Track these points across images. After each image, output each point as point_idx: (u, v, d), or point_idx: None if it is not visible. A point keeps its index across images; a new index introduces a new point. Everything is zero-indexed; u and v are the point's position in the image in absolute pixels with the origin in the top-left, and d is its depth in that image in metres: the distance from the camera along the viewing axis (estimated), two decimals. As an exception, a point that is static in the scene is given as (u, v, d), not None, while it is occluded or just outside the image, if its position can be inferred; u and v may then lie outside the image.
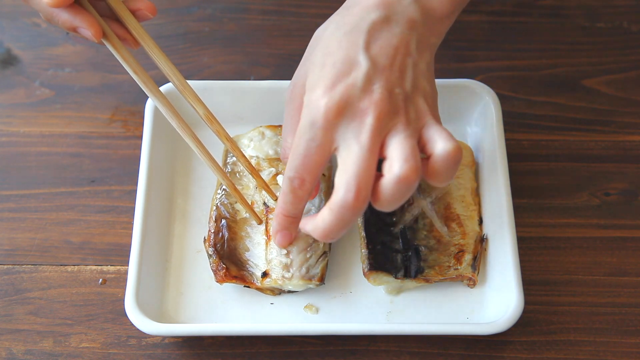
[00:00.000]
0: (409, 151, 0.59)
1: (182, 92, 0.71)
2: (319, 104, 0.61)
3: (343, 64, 0.61)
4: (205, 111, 0.71)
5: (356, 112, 0.60)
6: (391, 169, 0.59)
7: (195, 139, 0.71)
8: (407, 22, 0.63)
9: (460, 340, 0.71)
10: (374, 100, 0.60)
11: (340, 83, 0.61)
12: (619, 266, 0.75)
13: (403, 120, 0.60)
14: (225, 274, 0.71)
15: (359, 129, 0.60)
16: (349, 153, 0.60)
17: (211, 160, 0.71)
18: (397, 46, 0.62)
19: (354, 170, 0.59)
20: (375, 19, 0.62)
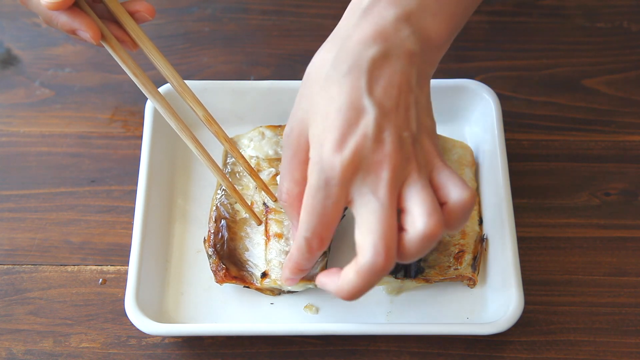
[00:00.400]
0: (431, 205, 0.57)
1: (181, 94, 0.71)
2: (332, 162, 0.58)
3: (349, 112, 0.58)
4: (204, 112, 0.71)
5: (370, 165, 0.58)
6: (415, 225, 0.57)
7: (195, 140, 0.71)
8: (406, 56, 0.60)
9: (460, 340, 0.71)
10: (387, 152, 0.58)
11: (350, 136, 0.58)
12: (619, 266, 0.75)
13: (415, 168, 0.58)
14: (225, 275, 0.71)
15: (376, 184, 0.57)
16: (369, 210, 0.57)
17: (210, 161, 0.71)
18: (400, 84, 0.59)
19: (380, 231, 0.57)
20: (374, 55, 0.59)
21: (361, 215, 0.58)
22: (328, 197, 0.59)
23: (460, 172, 0.76)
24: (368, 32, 0.60)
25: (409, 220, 0.58)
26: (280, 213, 0.73)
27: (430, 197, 0.58)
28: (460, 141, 0.79)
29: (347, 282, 0.59)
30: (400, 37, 0.60)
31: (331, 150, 0.58)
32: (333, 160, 0.58)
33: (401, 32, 0.60)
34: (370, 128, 0.58)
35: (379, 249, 0.57)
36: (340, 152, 0.58)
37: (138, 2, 0.69)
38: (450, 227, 0.59)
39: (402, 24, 0.60)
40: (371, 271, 0.57)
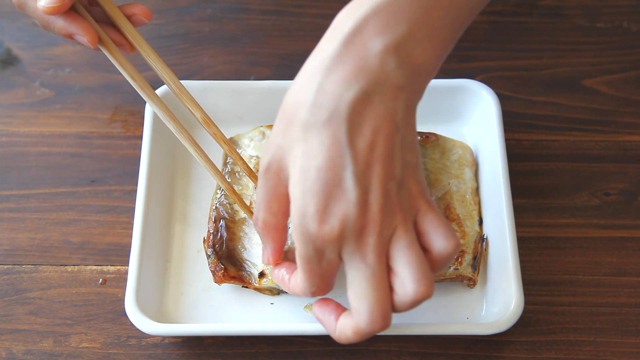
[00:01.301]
0: (419, 267, 0.57)
1: (179, 96, 0.71)
2: (319, 234, 0.57)
3: (329, 174, 0.56)
4: (202, 114, 0.71)
5: (356, 232, 0.56)
6: (405, 289, 0.58)
7: (194, 143, 0.71)
8: (392, 92, 0.56)
9: (460, 340, 0.71)
10: (371, 216, 0.56)
11: (333, 206, 0.56)
12: (619, 266, 0.75)
13: (401, 220, 0.57)
14: (223, 275, 0.71)
15: (364, 250, 0.57)
16: (360, 276, 0.57)
17: (209, 163, 0.71)
18: (384, 128, 0.56)
19: (374, 298, 0.57)
20: (355, 97, 0.55)
21: (353, 278, 0.58)
22: (322, 260, 0.58)
23: (460, 172, 0.76)
24: (349, 68, 0.56)
25: (398, 283, 0.58)
26: (280, 213, 0.73)
27: (417, 258, 0.57)
28: (460, 141, 0.79)
29: (344, 336, 0.60)
30: (385, 71, 0.56)
31: (316, 222, 0.56)
32: (319, 232, 0.57)
33: (387, 65, 0.56)
34: (353, 196, 0.56)
35: (375, 317, 0.58)
36: (325, 223, 0.56)
37: (135, 6, 0.69)
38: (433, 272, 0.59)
39: (388, 56, 0.56)
40: (369, 333, 0.59)
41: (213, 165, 0.72)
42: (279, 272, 0.65)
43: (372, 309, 0.58)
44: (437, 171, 0.76)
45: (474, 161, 0.78)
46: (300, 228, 0.57)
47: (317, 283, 0.60)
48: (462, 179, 0.76)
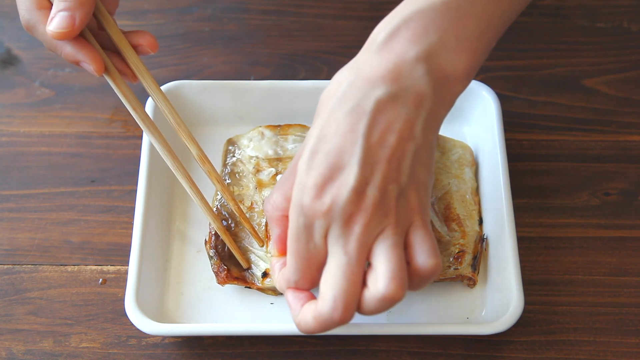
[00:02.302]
0: (396, 267, 0.57)
1: (177, 131, 0.71)
2: (311, 208, 0.57)
3: (336, 158, 0.57)
4: (198, 151, 0.71)
5: (345, 218, 0.57)
6: (376, 285, 0.57)
7: (189, 179, 0.71)
8: (415, 100, 0.57)
9: (460, 340, 0.71)
10: (364, 206, 0.57)
11: (331, 185, 0.57)
12: (619, 266, 0.75)
13: (392, 223, 0.57)
14: (226, 276, 0.71)
15: (347, 238, 0.57)
16: (336, 262, 0.57)
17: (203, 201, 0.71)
18: (400, 131, 0.57)
19: (342, 287, 0.57)
20: (381, 97, 0.57)
21: (329, 264, 0.58)
22: (309, 241, 0.58)
23: (460, 172, 0.76)
24: (380, 71, 0.58)
25: (372, 277, 0.57)
26: (280, 213, 0.73)
27: (397, 258, 0.57)
28: (460, 141, 0.79)
29: (304, 321, 0.60)
30: (413, 77, 0.57)
31: (311, 196, 0.57)
32: (312, 207, 0.57)
33: (416, 72, 0.57)
34: (352, 180, 0.56)
35: (337, 304, 0.57)
36: (319, 198, 0.57)
37: (141, 36, 0.69)
38: (410, 287, 0.59)
39: (418, 63, 0.57)
40: (327, 321, 0.58)
41: (207, 204, 0.72)
42: (275, 263, 0.65)
43: (337, 296, 0.57)
44: (437, 171, 0.76)
45: (474, 161, 0.78)
46: (295, 200, 0.58)
47: (302, 268, 0.60)
48: (462, 179, 0.76)
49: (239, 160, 0.77)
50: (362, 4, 0.92)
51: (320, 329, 0.59)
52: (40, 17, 0.66)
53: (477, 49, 0.60)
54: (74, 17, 0.64)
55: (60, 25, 0.64)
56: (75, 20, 0.64)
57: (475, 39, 0.60)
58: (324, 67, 0.87)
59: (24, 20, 0.66)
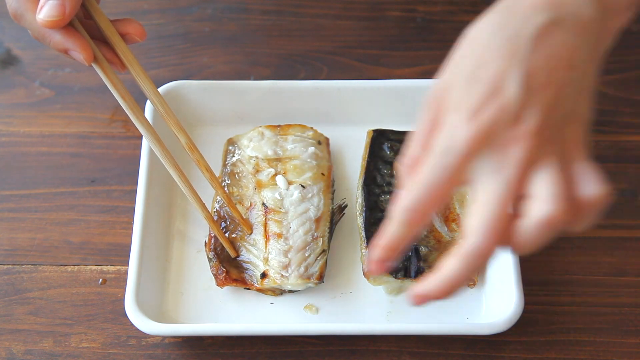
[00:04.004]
0: (562, 188, 0.51)
1: (166, 119, 0.71)
2: (461, 130, 0.52)
3: (495, 81, 0.53)
4: (187, 140, 0.71)
5: (502, 143, 0.52)
6: (537, 209, 0.51)
7: (178, 169, 0.71)
8: (579, 25, 0.54)
9: (460, 340, 0.71)
10: (524, 130, 0.52)
11: (487, 106, 0.52)
12: (619, 266, 0.75)
13: (555, 152, 0.52)
14: (225, 277, 0.71)
15: (502, 164, 0.52)
16: (486, 191, 0.52)
17: (192, 191, 0.71)
18: (563, 58, 0.53)
19: (489, 213, 0.51)
20: (543, 22, 0.53)
21: (477, 196, 0.52)
22: (447, 167, 0.53)
23: (461, 172, 0.76)
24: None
25: (531, 204, 0.51)
26: (279, 213, 0.73)
27: (563, 182, 0.51)
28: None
29: (448, 268, 0.53)
30: (577, 3, 0.54)
31: (464, 118, 0.52)
32: (463, 129, 0.52)
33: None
34: (512, 101, 0.52)
35: (482, 230, 0.51)
36: (472, 121, 0.52)
37: (129, 24, 0.68)
38: (575, 221, 0.53)
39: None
40: (471, 253, 0.52)
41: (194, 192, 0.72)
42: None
43: (481, 223, 0.51)
44: (437, 171, 0.76)
45: (474, 161, 0.78)
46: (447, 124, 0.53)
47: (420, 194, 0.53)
48: (462, 179, 0.76)
49: (239, 161, 0.77)
50: (362, 4, 0.92)
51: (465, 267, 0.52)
52: (28, 5, 0.65)
53: None
54: (64, 6, 0.63)
55: (51, 13, 0.63)
56: (66, 8, 0.63)
57: None
58: (324, 67, 0.87)
59: (12, 8, 0.66)
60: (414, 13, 0.91)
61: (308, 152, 0.77)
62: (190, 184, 0.71)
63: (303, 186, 0.75)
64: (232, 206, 0.73)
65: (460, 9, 0.91)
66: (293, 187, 0.74)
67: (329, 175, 0.76)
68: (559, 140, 0.53)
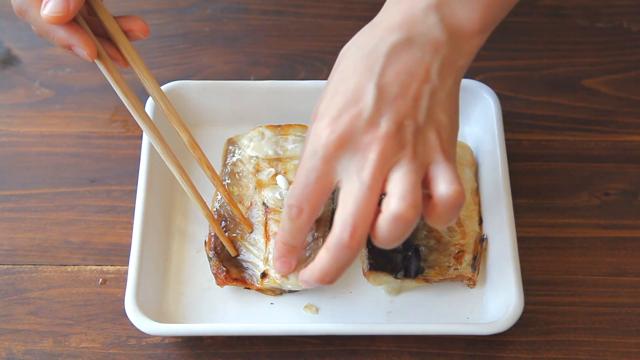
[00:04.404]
0: (409, 187, 0.57)
1: (168, 117, 0.71)
2: (321, 134, 0.59)
3: (353, 93, 0.59)
4: (189, 138, 0.71)
5: (359, 146, 0.58)
6: (388, 206, 0.57)
7: (179, 167, 0.71)
8: (430, 44, 0.60)
9: (460, 340, 0.71)
10: (379, 134, 0.58)
11: (345, 114, 0.58)
12: (619, 266, 0.75)
13: (409, 155, 0.58)
14: (225, 277, 0.71)
15: (361, 165, 0.58)
16: (349, 189, 0.58)
17: (192, 189, 0.71)
18: (415, 72, 0.59)
19: (352, 209, 0.57)
20: (396, 41, 0.60)
21: (343, 195, 0.58)
22: (313, 169, 0.59)
23: (460, 172, 0.76)
24: (396, 19, 0.60)
25: (385, 201, 0.57)
26: (279, 213, 0.73)
27: (411, 180, 0.57)
28: (460, 141, 0.79)
29: (318, 259, 0.60)
30: (427, 24, 0.60)
31: (325, 125, 0.59)
32: (322, 134, 0.58)
33: (428, 19, 0.60)
34: (367, 109, 0.58)
35: (346, 225, 0.57)
36: (332, 126, 0.58)
37: (132, 21, 0.68)
38: (433, 220, 0.59)
39: (430, 11, 0.60)
40: (338, 246, 0.58)
41: (195, 191, 0.72)
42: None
43: (346, 218, 0.57)
44: (437, 171, 0.76)
45: (474, 161, 0.78)
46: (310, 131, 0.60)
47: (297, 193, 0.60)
48: (462, 179, 0.76)
49: (239, 161, 0.77)
50: (362, 4, 0.92)
51: (334, 259, 0.59)
52: (32, 1, 0.65)
53: (492, 4, 0.61)
54: (68, 2, 0.63)
55: (55, 9, 0.63)
56: (70, 4, 0.63)
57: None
58: (324, 67, 0.87)
59: (16, 4, 0.66)
60: (414, 13, 0.91)
61: (308, 152, 0.77)
62: (191, 181, 0.71)
63: (303, 186, 0.75)
64: (233, 204, 0.73)
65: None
66: (293, 187, 0.74)
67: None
68: (418, 145, 0.58)
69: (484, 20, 0.61)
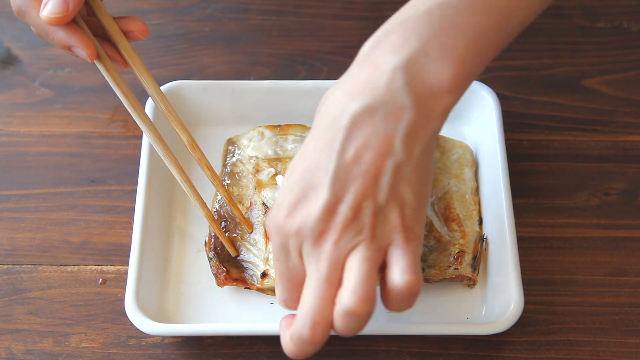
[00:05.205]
0: (361, 279, 0.54)
1: (168, 117, 0.71)
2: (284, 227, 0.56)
3: (311, 175, 0.56)
4: (188, 138, 0.71)
5: (316, 236, 0.55)
6: (340, 300, 0.54)
7: (179, 167, 0.71)
8: (393, 113, 0.54)
9: (460, 340, 0.71)
10: (335, 223, 0.55)
11: (303, 203, 0.56)
12: (619, 266, 0.75)
13: (367, 239, 0.55)
14: (225, 277, 0.71)
15: (318, 256, 0.55)
16: (309, 281, 0.56)
17: (192, 189, 0.71)
18: (377, 146, 0.54)
19: (310, 304, 0.55)
20: (357, 111, 0.55)
21: (305, 284, 0.57)
22: (287, 260, 0.58)
23: (460, 172, 0.76)
24: (358, 83, 0.56)
25: (340, 292, 0.55)
26: (280, 213, 0.73)
27: (363, 270, 0.54)
28: (460, 141, 0.79)
29: (285, 344, 0.58)
30: (391, 89, 0.55)
31: (284, 214, 0.56)
32: (284, 226, 0.56)
33: (394, 83, 0.55)
34: (322, 198, 0.55)
35: (305, 322, 0.55)
36: (290, 217, 0.56)
37: (132, 21, 0.68)
38: (387, 306, 0.57)
39: (397, 73, 0.55)
40: (299, 341, 0.56)
41: (196, 192, 0.72)
42: None
43: (305, 314, 0.55)
44: (437, 171, 0.76)
45: (474, 161, 0.78)
46: (272, 219, 0.58)
47: (286, 287, 0.59)
48: (462, 179, 0.76)
49: (239, 161, 0.77)
50: (362, 4, 0.92)
51: (296, 350, 0.57)
52: (32, 2, 0.65)
53: (466, 60, 0.56)
54: (67, 2, 0.63)
55: (54, 10, 0.63)
56: (69, 5, 0.63)
57: (463, 48, 0.55)
58: (324, 67, 0.87)
59: (15, 5, 0.66)
60: (414, 13, 0.91)
61: (308, 152, 0.77)
62: (191, 182, 0.71)
63: (303, 186, 0.75)
64: (233, 205, 0.73)
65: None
66: (293, 187, 0.74)
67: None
68: (377, 226, 0.55)
69: (458, 77, 0.55)
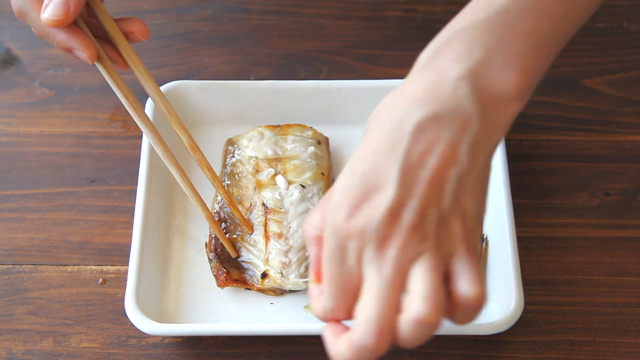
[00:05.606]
0: (431, 288, 0.52)
1: (168, 119, 0.71)
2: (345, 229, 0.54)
3: (373, 177, 0.54)
4: (189, 140, 0.71)
5: (379, 240, 0.53)
6: (410, 308, 0.52)
7: (179, 168, 0.71)
8: (459, 121, 0.53)
9: (460, 340, 0.71)
10: (400, 228, 0.53)
11: (365, 205, 0.53)
12: (619, 266, 0.75)
13: (432, 247, 0.53)
14: (226, 278, 0.71)
15: (382, 261, 0.53)
16: (371, 286, 0.53)
17: (193, 190, 0.71)
18: (442, 154, 0.53)
19: (375, 310, 0.52)
20: (422, 117, 0.53)
21: (365, 290, 0.54)
22: (343, 264, 0.54)
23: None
24: (422, 91, 0.54)
25: (407, 301, 0.53)
26: (279, 213, 0.73)
27: (434, 280, 0.53)
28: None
29: (339, 351, 0.55)
30: (457, 97, 0.54)
31: (344, 216, 0.54)
32: (345, 227, 0.54)
33: (460, 91, 0.54)
34: (388, 201, 0.53)
35: (371, 328, 0.53)
36: (352, 218, 0.54)
37: (132, 23, 0.68)
38: (454, 319, 0.55)
39: (462, 82, 0.54)
40: (361, 348, 0.53)
41: (196, 192, 0.72)
42: (312, 288, 0.60)
43: (370, 320, 0.53)
44: (437, 171, 0.76)
45: (474, 161, 0.78)
46: (329, 220, 0.55)
47: (336, 294, 0.55)
48: (462, 179, 0.76)
49: (238, 161, 0.77)
50: (362, 4, 0.92)
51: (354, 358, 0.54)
52: (32, 4, 0.65)
53: (529, 67, 0.56)
54: (68, 4, 0.63)
55: (55, 12, 0.63)
56: (70, 7, 0.63)
57: (525, 55, 0.55)
58: (324, 67, 0.87)
59: (16, 7, 0.66)
60: (414, 13, 0.91)
61: (308, 152, 0.77)
62: (191, 183, 0.72)
63: (303, 186, 0.75)
64: (233, 206, 0.73)
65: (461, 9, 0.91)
66: (293, 187, 0.75)
67: (328, 175, 0.76)
68: (441, 236, 0.54)
69: (522, 85, 0.56)
